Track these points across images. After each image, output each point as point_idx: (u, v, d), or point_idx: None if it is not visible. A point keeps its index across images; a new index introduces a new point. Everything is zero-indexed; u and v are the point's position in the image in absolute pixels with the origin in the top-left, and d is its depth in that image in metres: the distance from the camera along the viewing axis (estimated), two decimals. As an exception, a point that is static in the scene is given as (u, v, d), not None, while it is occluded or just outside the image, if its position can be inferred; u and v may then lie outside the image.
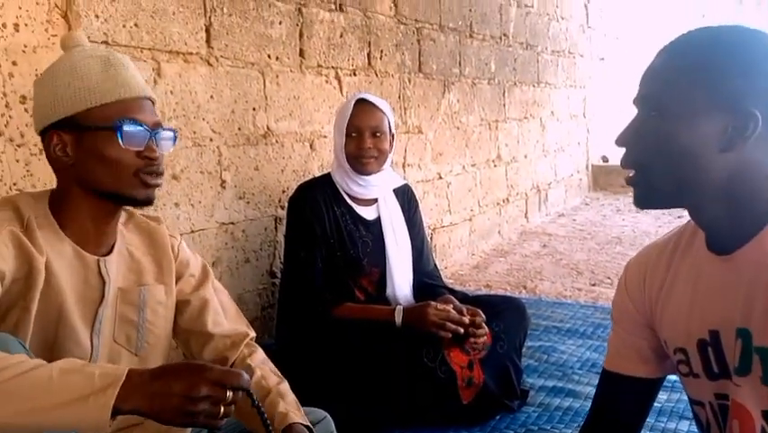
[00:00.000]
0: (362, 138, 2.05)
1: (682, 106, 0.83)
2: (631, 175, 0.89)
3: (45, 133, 1.14)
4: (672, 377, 2.20)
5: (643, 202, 0.90)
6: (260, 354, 1.32)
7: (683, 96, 0.83)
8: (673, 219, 4.76)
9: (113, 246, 1.20)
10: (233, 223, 2.34)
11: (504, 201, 4.56)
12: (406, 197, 2.27)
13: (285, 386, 1.27)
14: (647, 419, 1.89)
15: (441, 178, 3.74)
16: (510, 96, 4.54)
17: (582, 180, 6.28)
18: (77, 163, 1.12)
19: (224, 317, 1.32)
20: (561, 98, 5.52)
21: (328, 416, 1.45)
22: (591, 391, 1.71)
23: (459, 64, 3.85)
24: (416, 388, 1.90)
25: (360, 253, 2.09)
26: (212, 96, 2.22)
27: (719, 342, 0.88)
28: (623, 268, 1.08)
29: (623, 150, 0.90)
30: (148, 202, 1.16)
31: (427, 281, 2.21)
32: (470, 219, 4.09)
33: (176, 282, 1.28)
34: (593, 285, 3.50)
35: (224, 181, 2.29)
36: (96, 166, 1.11)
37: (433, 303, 1.95)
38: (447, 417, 1.93)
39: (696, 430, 1.83)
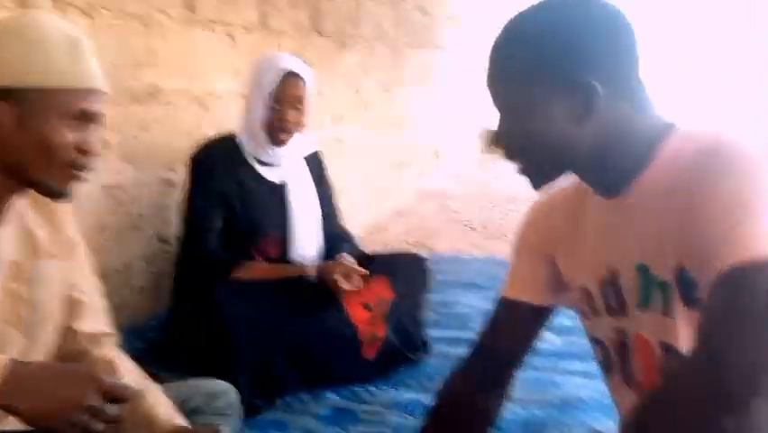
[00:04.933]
0: (284, 112, 1.97)
1: (530, 102, 0.89)
2: (519, 167, 0.95)
3: None
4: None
5: (539, 185, 0.97)
6: (127, 362, 1.25)
7: (526, 94, 0.89)
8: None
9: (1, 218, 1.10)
10: (118, 186, 2.21)
11: (402, 163, 4.61)
12: (315, 161, 2.24)
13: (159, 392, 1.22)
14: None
15: (340, 141, 3.71)
16: (407, 59, 4.56)
17: (478, 142, 6.46)
18: (6, 137, 1.01)
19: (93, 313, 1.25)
20: (457, 62, 5.61)
21: (231, 387, 1.42)
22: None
23: (356, 26, 3.81)
24: (318, 348, 1.90)
25: (259, 215, 2.04)
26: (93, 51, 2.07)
27: (618, 279, 0.93)
28: (516, 224, 1.13)
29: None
30: (66, 196, 1.08)
31: (338, 242, 2.19)
32: (369, 182, 4.12)
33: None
34: (488, 240, 3.64)
35: (107, 142, 2.15)
36: (32, 148, 1.01)
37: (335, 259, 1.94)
38: (352, 373, 1.94)
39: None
